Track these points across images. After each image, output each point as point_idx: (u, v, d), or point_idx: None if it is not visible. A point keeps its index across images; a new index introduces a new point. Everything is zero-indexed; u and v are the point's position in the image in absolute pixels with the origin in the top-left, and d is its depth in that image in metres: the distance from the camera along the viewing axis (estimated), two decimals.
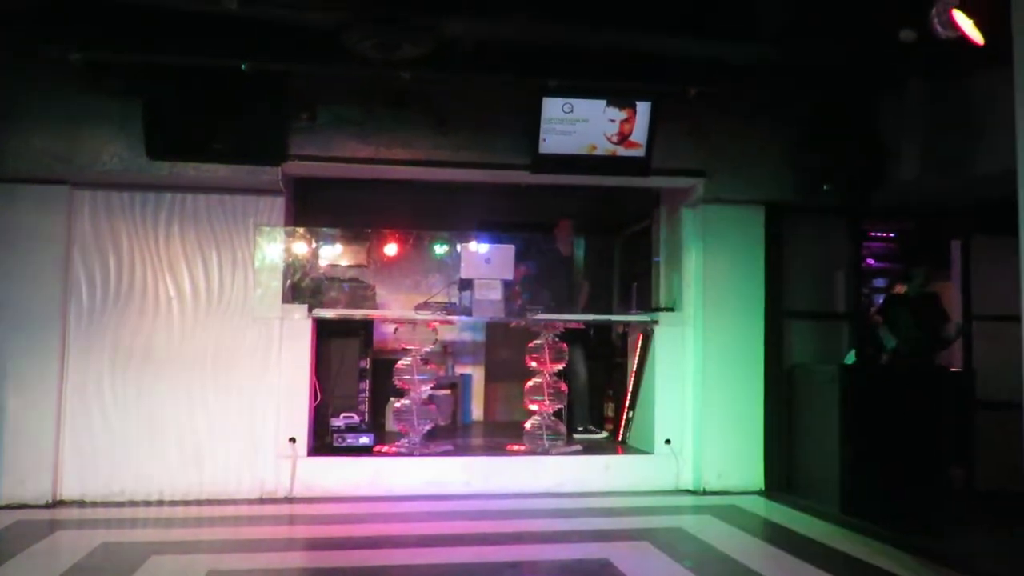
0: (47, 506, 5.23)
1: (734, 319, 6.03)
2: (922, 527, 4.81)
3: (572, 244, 6.91)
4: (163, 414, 5.50)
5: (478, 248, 6.17)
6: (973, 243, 6.32)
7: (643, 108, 5.52)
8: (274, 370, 5.64)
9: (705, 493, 5.90)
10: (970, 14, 3.75)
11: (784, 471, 5.98)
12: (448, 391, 7.90)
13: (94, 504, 5.33)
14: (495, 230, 7.23)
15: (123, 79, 5.18)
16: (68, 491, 5.37)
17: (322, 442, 6.06)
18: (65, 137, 5.26)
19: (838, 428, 5.39)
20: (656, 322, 6.30)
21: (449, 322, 6.24)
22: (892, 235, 7.69)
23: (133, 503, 5.37)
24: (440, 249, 6.73)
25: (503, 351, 8.74)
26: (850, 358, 6.07)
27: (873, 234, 7.51)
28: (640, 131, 5.55)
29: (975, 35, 3.79)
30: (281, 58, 5.03)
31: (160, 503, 5.41)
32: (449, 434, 7.08)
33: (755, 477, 5.97)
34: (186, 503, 5.40)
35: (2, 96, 5.18)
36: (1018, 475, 3.10)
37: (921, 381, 5.72)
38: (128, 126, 5.27)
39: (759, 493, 5.88)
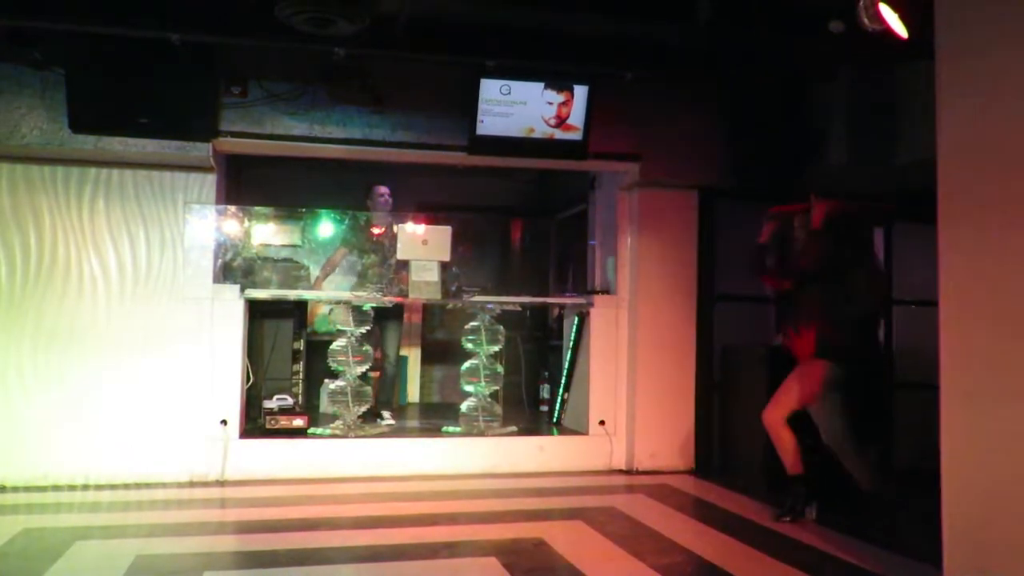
0: None
1: (667, 301, 6.14)
2: (843, 503, 4.99)
3: (390, 219, 6.53)
4: (88, 396, 5.33)
5: (415, 229, 6.14)
6: (894, 230, 6.55)
7: (580, 92, 5.54)
8: (205, 351, 5.51)
9: (638, 473, 6.01)
10: (895, 8, 3.87)
11: (715, 451, 6.14)
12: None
13: (15, 489, 5.15)
14: (433, 211, 7.19)
15: (44, 48, 4.96)
16: None
17: (255, 424, 5.97)
18: None
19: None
20: (591, 304, 6.37)
21: (384, 304, 6.18)
22: None
23: (57, 488, 5.21)
24: (376, 228, 6.65)
25: (439, 332, 8.74)
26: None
27: None
28: (577, 115, 5.58)
29: (900, 29, 3.92)
30: (212, 30, 4.87)
31: (85, 487, 5.25)
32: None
33: (686, 457, 6.12)
34: (113, 487, 5.25)
35: None
36: (932, 453, 3.26)
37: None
38: (49, 97, 5.06)
39: (690, 472, 6.03)
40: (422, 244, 6.00)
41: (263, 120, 5.46)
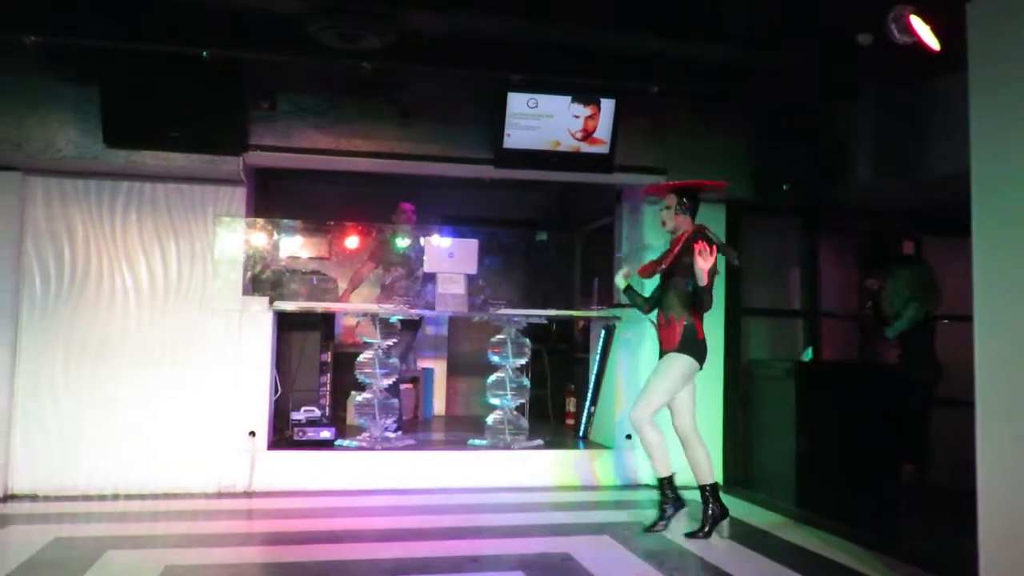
0: None
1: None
2: (874, 520, 4.92)
3: (416, 234, 6.59)
4: (119, 407, 5.40)
5: (441, 242, 6.16)
6: (925, 244, 6.47)
7: (607, 105, 5.55)
8: (233, 363, 5.56)
9: None
10: (926, 20, 3.84)
11: (742, 466, 6.08)
12: (410, 385, 7.88)
13: (47, 498, 5.22)
14: (459, 224, 7.22)
15: (79, 64, 5.06)
16: (19, 485, 5.25)
17: (282, 436, 6.01)
18: (17, 122, 5.11)
19: (794, 423, 5.49)
20: (618, 318, 6.34)
21: (411, 316, 6.21)
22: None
23: (87, 497, 5.27)
24: (403, 243, 6.69)
25: (465, 345, 8.76)
26: (807, 355, 6.17)
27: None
28: (604, 128, 5.58)
29: (931, 41, 3.88)
30: (242, 46, 4.94)
31: (115, 497, 5.31)
32: (410, 428, 7.06)
33: (713, 471, 6.03)
34: (142, 497, 5.31)
35: None
36: (966, 472, 3.21)
37: (874, 378, 5.84)
38: (84, 112, 5.15)
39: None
40: (448, 257, 6.02)
41: (291, 133, 5.52)
